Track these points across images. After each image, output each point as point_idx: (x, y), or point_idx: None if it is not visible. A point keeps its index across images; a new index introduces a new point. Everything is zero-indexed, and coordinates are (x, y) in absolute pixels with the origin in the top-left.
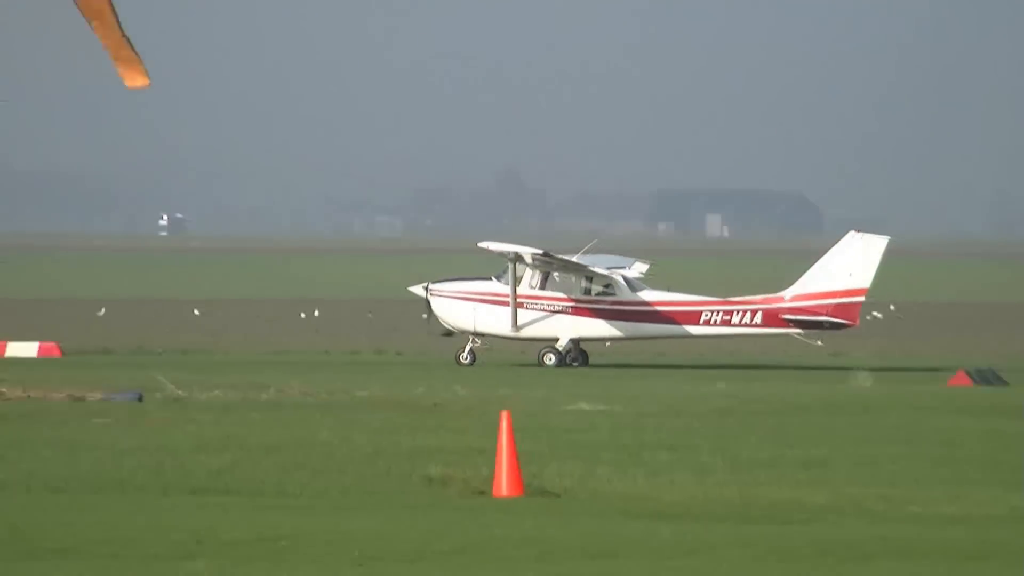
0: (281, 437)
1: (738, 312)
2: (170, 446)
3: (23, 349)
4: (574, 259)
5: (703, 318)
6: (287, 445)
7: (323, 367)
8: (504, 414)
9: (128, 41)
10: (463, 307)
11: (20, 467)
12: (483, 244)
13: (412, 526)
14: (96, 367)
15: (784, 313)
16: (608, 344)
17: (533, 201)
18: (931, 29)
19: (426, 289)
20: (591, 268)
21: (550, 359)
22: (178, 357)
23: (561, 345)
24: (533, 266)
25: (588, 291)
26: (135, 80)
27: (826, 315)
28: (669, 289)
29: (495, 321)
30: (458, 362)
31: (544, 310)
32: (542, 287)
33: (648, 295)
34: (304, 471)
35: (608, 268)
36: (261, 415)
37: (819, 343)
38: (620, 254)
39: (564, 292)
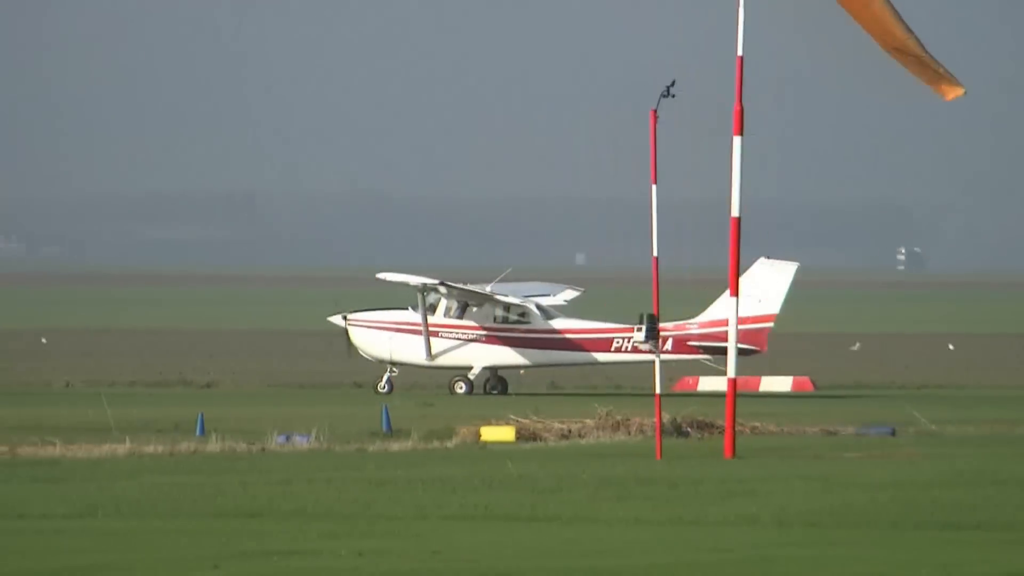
0: None
1: None
2: (922, 480)
3: (777, 384)
4: (488, 288)
5: (614, 345)
6: None
7: None
8: None
9: (931, 57)
10: (379, 336)
11: (773, 500)
12: (380, 275)
13: None
14: (848, 401)
15: (693, 339)
16: (522, 372)
17: None
18: None
19: (344, 319)
20: (499, 296)
21: (461, 387)
22: (928, 391)
23: (473, 374)
24: (448, 296)
25: (504, 319)
26: (951, 92)
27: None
28: None
29: (410, 350)
30: (376, 391)
31: (458, 339)
32: (460, 316)
33: (561, 323)
34: None
35: (526, 296)
36: (1016, 449)
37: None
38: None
39: (478, 321)
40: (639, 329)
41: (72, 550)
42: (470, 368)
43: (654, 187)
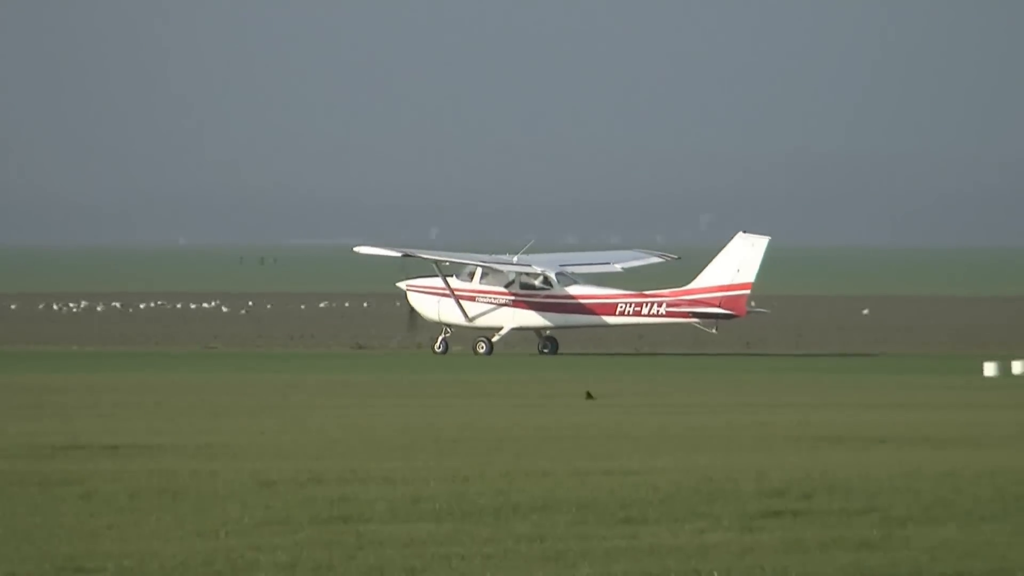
0: None
1: (647, 304)
2: None
3: None
4: (514, 259)
5: (619, 309)
6: None
7: None
8: None
9: None
10: (430, 300)
11: None
12: (357, 248)
13: None
14: None
15: (684, 305)
16: (547, 333)
17: None
18: None
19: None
20: (493, 265)
21: (482, 347)
22: None
23: (500, 335)
24: (483, 265)
25: (528, 286)
26: None
27: (718, 306)
28: None
29: (454, 313)
30: (433, 352)
31: (490, 303)
32: (507, 285)
33: (576, 289)
34: None
35: (563, 264)
36: None
37: (714, 331)
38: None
39: (507, 288)
40: None
41: None
42: (500, 328)
43: None
